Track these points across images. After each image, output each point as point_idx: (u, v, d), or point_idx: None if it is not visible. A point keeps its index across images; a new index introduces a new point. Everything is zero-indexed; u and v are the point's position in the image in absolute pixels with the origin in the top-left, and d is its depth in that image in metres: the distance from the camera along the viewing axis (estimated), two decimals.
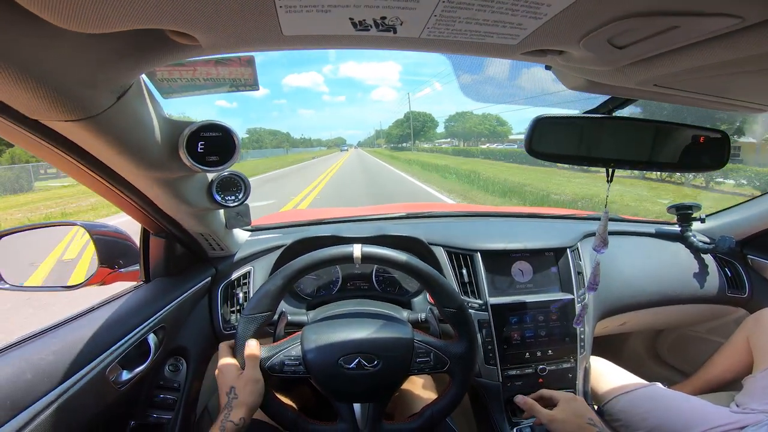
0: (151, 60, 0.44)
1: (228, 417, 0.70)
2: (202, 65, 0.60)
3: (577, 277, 1.15)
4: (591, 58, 0.47)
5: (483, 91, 0.86)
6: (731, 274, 1.37)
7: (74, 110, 0.43)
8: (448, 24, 0.37)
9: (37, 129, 0.48)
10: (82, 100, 0.43)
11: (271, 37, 0.38)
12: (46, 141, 0.51)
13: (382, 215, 1.48)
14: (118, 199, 0.75)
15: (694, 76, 0.51)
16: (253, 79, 0.63)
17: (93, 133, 0.49)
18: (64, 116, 0.44)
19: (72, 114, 0.44)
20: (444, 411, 0.82)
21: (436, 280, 0.84)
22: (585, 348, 1.10)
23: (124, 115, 0.51)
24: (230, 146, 0.69)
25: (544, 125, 0.71)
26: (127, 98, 0.49)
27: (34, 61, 0.37)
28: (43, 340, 0.71)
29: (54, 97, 0.40)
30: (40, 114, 0.44)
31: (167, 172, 0.67)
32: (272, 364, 0.78)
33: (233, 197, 0.89)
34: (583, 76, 0.58)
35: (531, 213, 1.62)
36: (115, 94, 0.46)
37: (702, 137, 0.75)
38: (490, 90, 0.84)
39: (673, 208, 1.43)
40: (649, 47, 0.42)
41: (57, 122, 0.46)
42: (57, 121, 0.46)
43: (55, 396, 0.65)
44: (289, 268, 0.82)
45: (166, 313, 0.89)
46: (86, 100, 0.43)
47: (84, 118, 0.45)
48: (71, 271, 1.08)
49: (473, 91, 0.89)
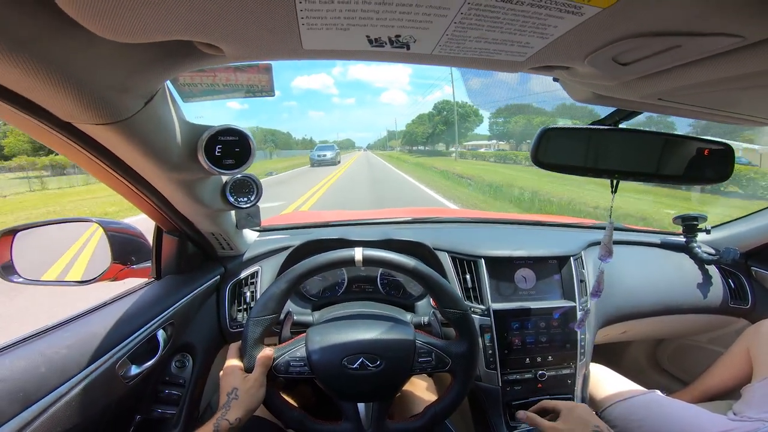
0: (177, 67, 0.47)
1: (224, 415, 0.71)
2: (222, 71, 0.63)
3: (580, 285, 1.16)
4: (596, 74, 0.48)
5: (491, 96, 0.87)
6: (734, 285, 1.38)
7: (106, 114, 0.46)
8: (459, 42, 0.39)
9: (70, 131, 0.50)
10: (114, 104, 0.45)
11: (292, 50, 0.41)
12: (77, 143, 0.53)
13: (389, 219, 1.50)
14: (137, 198, 0.77)
15: (698, 90, 0.53)
16: (269, 85, 0.66)
17: (121, 136, 0.51)
18: (96, 120, 0.46)
19: (103, 118, 0.46)
20: (446, 410, 0.83)
21: (438, 283, 0.86)
22: (585, 355, 1.11)
23: (150, 119, 0.54)
24: (246, 150, 0.72)
25: (551, 136, 0.72)
26: (154, 103, 0.51)
27: (72, 66, 0.39)
28: (57, 333, 0.73)
29: (88, 101, 0.43)
30: (73, 117, 0.47)
31: (186, 174, 0.70)
32: (278, 364, 0.80)
33: (246, 199, 0.92)
34: (589, 89, 0.60)
35: (536, 221, 1.63)
36: (144, 99, 0.49)
37: (707, 150, 0.76)
38: (498, 95, 0.84)
39: (679, 219, 1.44)
40: (653, 64, 0.44)
41: (88, 125, 0.49)
42: (89, 124, 0.48)
43: (65, 389, 0.66)
44: (293, 272, 0.85)
45: (175, 309, 0.91)
46: (117, 104, 0.46)
47: (114, 122, 0.48)
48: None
49: (481, 96, 0.90)
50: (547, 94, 9.72)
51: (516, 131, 50.49)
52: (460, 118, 62.25)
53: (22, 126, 0.49)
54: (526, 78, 11.24)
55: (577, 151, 0.74)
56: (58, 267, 4.33)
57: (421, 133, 79.50)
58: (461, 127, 64.19)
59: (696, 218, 1.42)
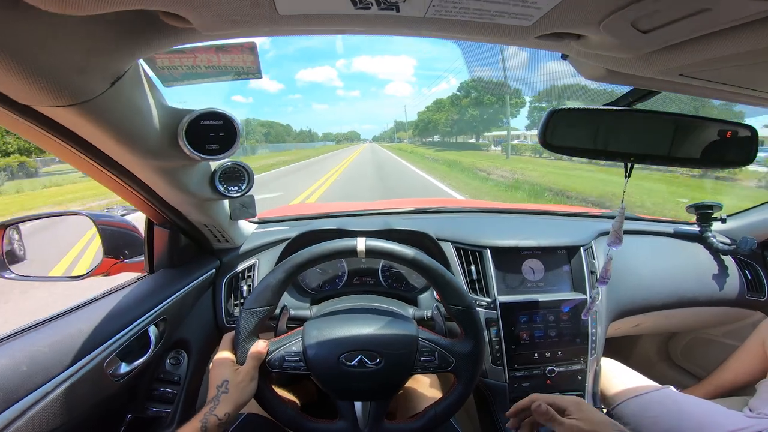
0: (146, 46, 0.43)
1: (213, 410, 0.68)
2: (202, 52, 0.58)
3: (591, 276, 1.12)
4: (611, 44, 0.43)
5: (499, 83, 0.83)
6: (751, 277, 1.33)
7: (66, 96, 0.42)
8: (455, 1, 0.34)
9: (30, 115, 0.47)
10: (74, 85, 0.42)
11: (267, 16, 0.36)
12: (40, 127, 0.50)
13: (390, 210, 1.45)
14: (120, 188, 0.74)
15: (725, 65, 0.48)
16: (255, 66, 0.61)
17: (86, 118, 0.48)
18: (55, 101, 0.43)
19: (63, 99, 0.42)
20: (448, 412, 0.79)
21: (444, 277, 0.81)
22: (596, 349, 1.07)
23: (120, 102, 0.50)
24: (231, 134, 0.68)
25: (560, 118, 0.68)
26: (123, 84, 0.47)
27: (21, 46, 0.36)
28: (41, 331, 0.71)
29: (43, 82, 0.39)
30: (30, 99, 0.43)
31: (167, 160, 0.66)
32: (272, 359, 0.77)
33: (236, 187, 0.88)
34: (602, 65, 0.55)
35: (543, 210, 1.58)
36: (109, 80, 0.45)
37: (729, 132, 0.71)
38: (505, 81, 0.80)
39: (693, 208, 1.39)
40: (677, 32, 0.39)
41: (49, 108, 0.45)
42: (49, 106, 0.44)
43: (50, 388, 0.64)
44: (290, 261, 0.80)
45: (168, 305, 0.88)
46: (77, 85, 0.42)
47: (76, 104, 0.44)
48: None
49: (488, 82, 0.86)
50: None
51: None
52: (497, 103, 47.34)
53: None
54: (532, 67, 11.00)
55: (588, 133, 0.70)
56: (66, 261, 4.37)
57: (443, 120, 60.38)
58: (498, 114, 47.87)
59: (711, 207, 1.37)
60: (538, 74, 24.33)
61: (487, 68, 32.00)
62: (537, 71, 27.56)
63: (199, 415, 0.68)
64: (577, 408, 0.77)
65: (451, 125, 58.66)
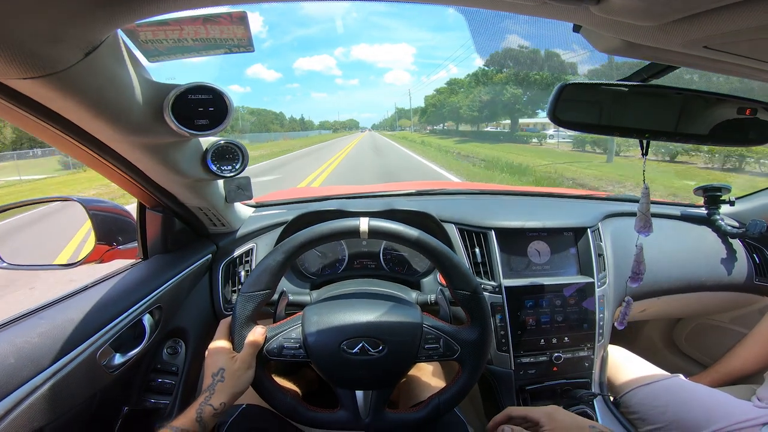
0: (125, 14, 0.39)
1: (208, 400, 0.66)
2: (189, 24, 0.54)
3: (598, 259, 1.09)
4: (634, 8, 0.39)
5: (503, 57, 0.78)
6: (759, 261, 1.30)
7: (35, 67, 0.39)
8: None
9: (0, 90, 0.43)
10: (44, 56, 0.38)
11: None
12: (13, 104, 0.47)
13: (391, 192, 1.42)
14: (107, 170, 0.71)
15: (756, 36, 0.44)
16: (247, 39, 0.57)
17: (58, 90, 0.44)
18: (25, 73, 0.39)
19: (33, 71, 0.39)
20: (452, 401, 0.77)
21: (450, 259, 0.78)
22: (603, 336, 1.05)
23: (96, 74, 0.46)
24: (222, 110, 0.64)
25: (570, 92, 0.65)
26: (98, 55, 0.43)
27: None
28: (30, 321, 0.68)
29: (11, 53, 0.36)
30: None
31: (152, 136, 0.63)
32: (270, 346, 0.74)
33: (230, 167, 0.85)
34: (619, 36, 0.51)
35: (548, 192, 1.55)
36: (82, 51, 0.41)
37: (749, 109, 0.68)
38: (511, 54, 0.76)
39: (701, 190, 1.36)
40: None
41: (18, 81, 0.41)
42: (18, 79, 0.41)
43: (40, 381, 0.62)
44: (290, 242, 0.77)
45: (163, 292, 0.85)
46: (48, 56, 0.39)
47: (46, 75, 0.40)
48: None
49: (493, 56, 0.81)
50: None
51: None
52: (541, 84, 32.02)
53: None
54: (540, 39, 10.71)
55: (600, 108, 0.68)
56: (70, 248, 4.36)
57: (465, 104, 44.33)
58: (539, 101, 33.51)
59: (719, 189, 1.34)
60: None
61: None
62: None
63: (194, 405, 0.66)
64: (549, 419, 0.77)
65: (480, 108, 42.73)
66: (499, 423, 0.81)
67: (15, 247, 0.95)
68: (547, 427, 0.75)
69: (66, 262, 0.97)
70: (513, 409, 0.82)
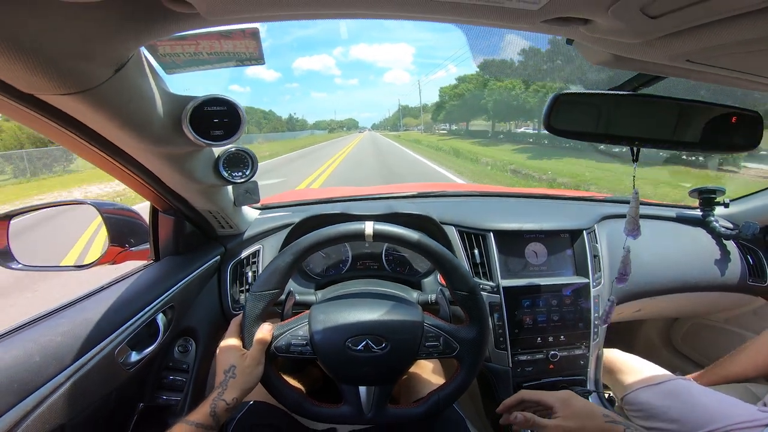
0: (149, 32, 0.42)
1: (221, 395, 0.69)
2: (204, 39, 0.58)
3: (594, 260, 1.12)
4: (620, 29, 0.43)
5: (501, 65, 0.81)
6: (753, 262, 1.32)
7: (69, 84, 0.42)
8: None
9: (33, 103, 0.47)
10: (77, 73, 0.42)
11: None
12: (43, 115, 0.50)
13: (393, 194, 1.45)
14: (124, 176, 0.74)
15: (731, 51, 0.47)
16: (258, 52, 0.61)
17: (91, 106, 0.47)
18: (59, 90, 0.42)
19: (66, 87, 0.42)
20: (451, 397, 0.81)
21: (450, 261, 0.81)
22: (599, 334, 1.08)
23: (123, 89, 0.50)
24: (235, 120, 0.68)
25: (564, 102, 0.68)
26: (126, 71, 0.47)
27: (26, 33, 0.35)
28: (51, 321, 0.71)
29: (48, 70, 0.39)
30: (33, 88, 0.43)
31: (172, 147, 0.66)
32: (278, 344, 0.77)
33: (240, 173, 0.89)
34: (608, 50, 0.54)
35: (546, 194, 1.58)
36: (113, 67, 0.45)
37: (734, 117, 0.71)
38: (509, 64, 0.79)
39: (696, 192, 1.38)
40: (687, 18, 0.38)
41: (53, 96, 0.45)
42: (52, 95, 0.44)
43: (63, 378, 0.65)
44: (298, 244, 0.81)
45: (175, 292, 0.89)
46: (81, 73, 0.42)
47: (80, 92, 0.44)
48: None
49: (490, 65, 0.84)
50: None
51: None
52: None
53: None
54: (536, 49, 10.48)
55: (593, 117, 0.71)
56: (76, 250, 4.39)
57: (507, 95, 29.76)
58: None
59: (714, 191, 1.36)
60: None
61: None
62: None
63: (207, 401, 0.69)
64: (563, 405, 0.76)
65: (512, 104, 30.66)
66: (510, 406, 0.83)
67: (26, 248, 0.98)
68: (560, 413, 0.75)
69: (77, 263, 1.00)
70: (526, 393, 0.82)
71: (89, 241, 4.44)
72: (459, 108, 45.18)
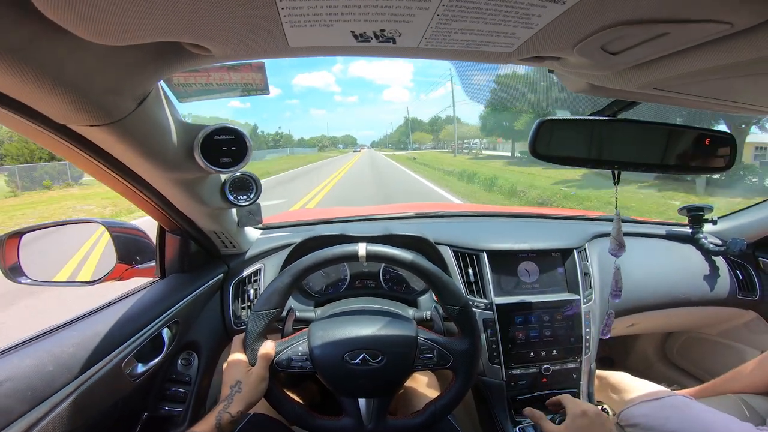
0: (168, 68, 0.47)
1: (227, 408, 0.72)
2: (215, 71, 0.63)
3: (584, 278, 1.15)
4: (588, 64, 0.48)
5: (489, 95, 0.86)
6: (742, 277, 1.36)
7: (99, 116, 0.47)
8: (444, 35, 0.39)
9: (65, 133, 0.51)
10: (107, 106, 0.46)
11: (279, 47, 0.41)
12: (73, 144, 0.54)
13: (390, 215, 1.49)
14: (137, 198, 0.78)
15: (693, 79, 0.52)
16: (263, 84, 0.66)
17: (116, 137, 0.52)
18: (90, 121, 0.47)
19: (97, 119, 0.47)
20: (447, 407, 0.83)
21: (440, 279, 0.86)
22: (590, 349, 1.10)
23: (145, 120, 0.55)
24: (242, 148, 0.73)
25: (548, 128, 0.71)
26: (147, 104, 0.52)
27: (63, 70, 0.40)
28: (64, 333, 0.74)
29: (81, 103, 0.43)
30: (68, 119, 0.47)
31: (184, 173, 0.71)
32: (280, 359, 0.81)
33: (245, 196, 0.93)
34: (584, 80, 0.59)
35: (539, 213, 1.62)
36: (137, 100, 0.49)
37: (708, 139, 0.75)
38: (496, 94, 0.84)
39: (685, 210, 1.43)
40: (643, 53, 0.43)
41: (83, 127, 0.50)
42: (83, 126, 0.49)
43: (73, 387, 0.68)
44: (296, 266, 0.85)
45: (180, 308, 0.92)
46: (110, 106, 0.47)
47: (108, 123, 0.48)
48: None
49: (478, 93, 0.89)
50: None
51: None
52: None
53: (19, 129, 0.50)
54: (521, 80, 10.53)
55: (576, 142, 0.74)
56: (69, 268, 4.41)
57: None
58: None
59: (702, 209, 1.40)
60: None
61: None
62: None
63: (213, 413, 0.72)
64: (573, 419, 0.82)
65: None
66: (554, 403, 0.92)
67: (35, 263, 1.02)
68: (568, 422, 0.81)
69: (85, 279, 1.04)
70: (568, 399, 0.89)
71: (82, 260, 4.47)
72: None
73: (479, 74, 21.39)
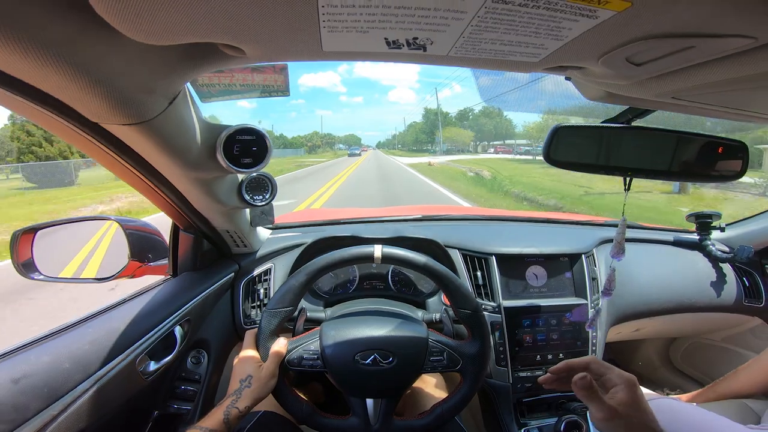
0: (199, 68, 0.48)
1: (235, 403, 0.73)
2: (239, 72, 0.64)
3: (592, 282, 1.16)
4: (609, 74, 0.49)
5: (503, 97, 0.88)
6: (749, 284, 1.37)
7: (132, 114, 0.48)
8: (474, 44, 0.40)
9: (97, 132, 0.52)
10: (140, 105, 0.47)
11: (312, 51, 0.42)
12: (102, 143, 0.55)
13: (399, 217, 1.50)
14: (155, 196, 0.79)
15: (712, 90, 0.53)
16: (285, 85, 0.67)
17: (146, 136, 0.53)
18: (123, 120, 0.48)
19: (130, 118, 0.48)
20: (453, 409, 0.84)
21: (453, 282, 0.86)
22: (596, 353, 1.11)
23: (173, 120, 0.56)
24: (262, 149, 0.73)
25: (563, 134, 0.72)
26: (177, 103, 0.53)
27: (102, 68, 0.40)
28: (80, 329, 0.75)
29: (116, 102, 0.44)
30: (101, 117, 0.48)
31: (205, 172, 0.72)
32: (291, 357, 0.82)
33: (261, 197, 0.94)
34: (602, 88, 0.60)
35: (547, 218, 1.63)
36: (167, 100, 0.50)
37: (720, 147, 0.76)
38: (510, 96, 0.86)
39: (693, 216, 1.43)
40: (666, 64, 0.44)
41: (115, 126, 0.51)
42: (116, 124, 0.50)
43: (88, 385, 0.68)
44: (312, 265, 0.86)
45: (191, 306, 0.93)
46: (143, 105, 0.47)
47: (140, 122, 0.49)
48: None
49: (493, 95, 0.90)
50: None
51: None
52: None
53: (50, 126, 0.51)
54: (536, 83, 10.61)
55: (589, 149, 0.75)
56: (74, 265, 4.41)
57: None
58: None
59: (710, 216, 1.41)
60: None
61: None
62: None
63: (221, 407, 0.72)
64: (627, 390, 0.66)
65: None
66: (561, 371, 0.75)
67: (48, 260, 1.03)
68: (620, 395, 0.66)
69: (98, 276, 1.04)
70: (592, 359, 0.73)
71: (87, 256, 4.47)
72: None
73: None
